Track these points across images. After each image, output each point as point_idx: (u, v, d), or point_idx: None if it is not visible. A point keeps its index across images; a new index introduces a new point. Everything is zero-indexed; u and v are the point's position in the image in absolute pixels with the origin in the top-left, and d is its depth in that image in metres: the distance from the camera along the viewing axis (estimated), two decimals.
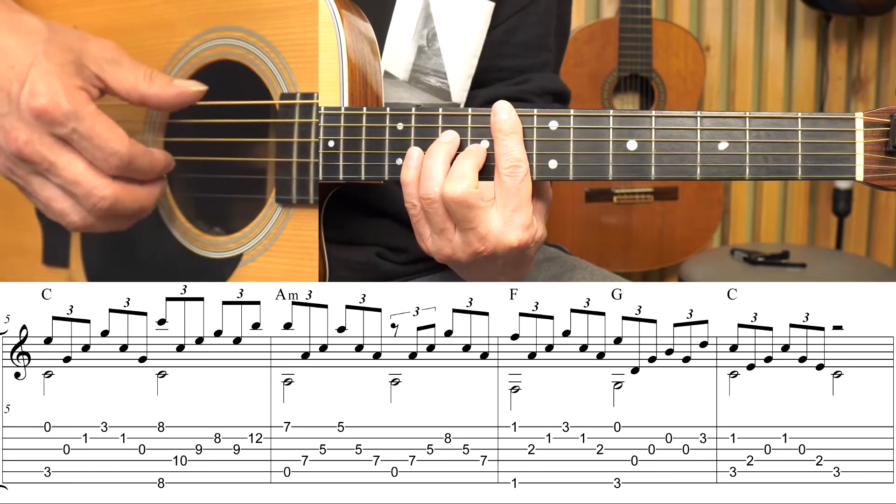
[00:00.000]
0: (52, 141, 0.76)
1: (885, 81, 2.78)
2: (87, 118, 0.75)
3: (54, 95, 0.74)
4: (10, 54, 0.76)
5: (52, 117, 0.74)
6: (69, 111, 0.74)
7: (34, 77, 0.75)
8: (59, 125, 0.75)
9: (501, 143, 0.75)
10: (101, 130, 0.75)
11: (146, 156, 0.78)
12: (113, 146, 0.75)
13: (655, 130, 0.75)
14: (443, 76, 0.96)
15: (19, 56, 0.76)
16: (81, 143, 0.75)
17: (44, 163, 0.76)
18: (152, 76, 0.79)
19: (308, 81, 0.81)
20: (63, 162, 0.76)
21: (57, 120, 0.74)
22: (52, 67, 0.75)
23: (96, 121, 0.75)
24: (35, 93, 0.74)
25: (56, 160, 0.76)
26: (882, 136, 0.73)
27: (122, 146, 0.76)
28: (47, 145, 0.76)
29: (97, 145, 0.75)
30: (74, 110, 0.74)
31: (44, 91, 0.74)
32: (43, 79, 0.75)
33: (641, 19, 2.36)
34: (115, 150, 0.75)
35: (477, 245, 0.76)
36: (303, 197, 0.81)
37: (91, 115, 0.75)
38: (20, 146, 0.75)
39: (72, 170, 0.76)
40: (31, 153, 0.75)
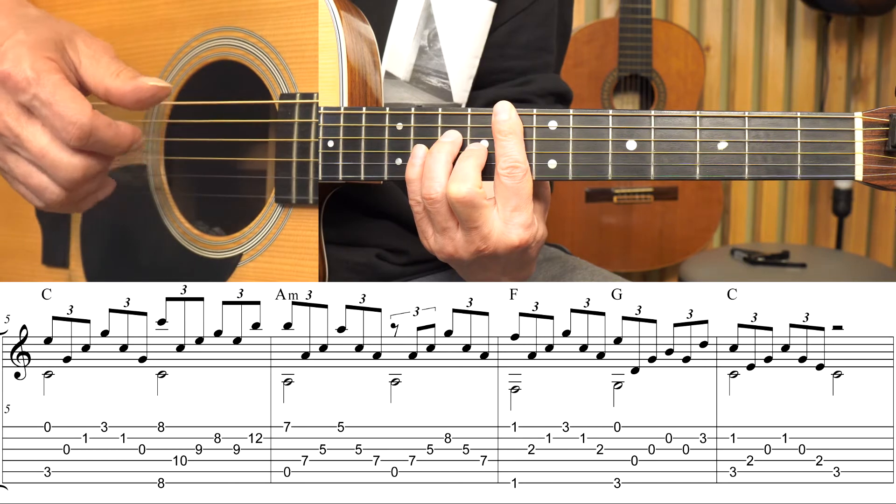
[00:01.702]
0: (17, 111, 0.75)
1: (885, 81, 2.78)
2: (49, 84, 0.74)
3: (20, 61, 0.74)
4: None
5: (15, 82, 0.74)
6: (31, 77, 0.74)
7: (7, 46, 0.75)
8: (21, 91, 0.74)
9: (500, 143, 0.75)
10: (62, 98, 0.74)
11: (110, 128, 0.76)
12: (72, 115, 0.74)
13: (655, 130, 0.75)
14: (444, 76, 0.96)
15: (4, 32, 0.76)
16: (42, 110, 0.74)
17: (10, 135, 0.75)
18: (120, 73, 0.78)
19: (308, 82, 0.81)
20: (28, 134, 0.75)
21: (19, 85, 0.74)
22: (27, 39, 0.75)
23: (59, 88, 0.74)
24: (3, 59, 0.74)
25: (21, 132, 0.75)
26: (881, 135, 0.73)
27: (82, 115, 0.74)
28: (13, 115, 0.75)
29: (57, 113, 0.74)
30: (37, 76, 0.74)
31: (11, 58, 0.74)
32: (14, 48, 0.75)
33: (641, 19, 2.36)
34: (74, 119, 0.74)
35: (479, 244, 0.76)
36: (302, 197, 0.81)
37: (54, 82, 0.74)
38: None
39: (37, 142, 0.75)
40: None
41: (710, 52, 2.68)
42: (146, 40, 0.89)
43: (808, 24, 2.73)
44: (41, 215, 0.96)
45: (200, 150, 0.86)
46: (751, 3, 2.68)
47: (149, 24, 0.89)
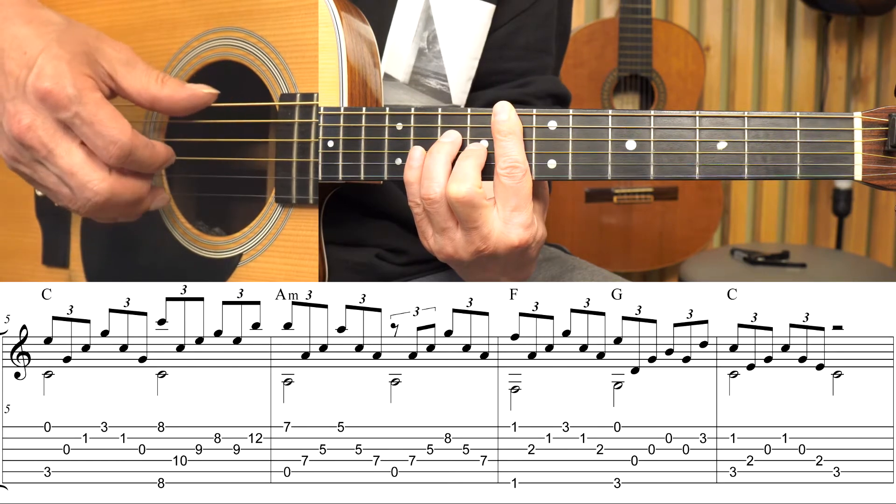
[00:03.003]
0: (54, 127, 0.75)
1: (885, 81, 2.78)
2: (91, 104, 0.75)
3: (60, 78, 0.74)
4: (24, 41, 0.76)
5: (56, 100, 0.74)
6: (73, 95, 0.74)
7: (42, 61, 0.75)
8: (63, 109, 0.74)
9: (500, 143, 0.75)
10: (104, 117, 0.75)
11: (147, 148, 0.78)
12: (114, 134, 0.75)
13: (654, 130, 0.75)
14: (443, 78, 0.96)
15: (32, 43, 0.76)
16: (83, 128, 0.75)
17: (42, 150, 0.76)
18: (164, 79, 0.79)
19: (308, 82, 0.81)
20: (61, 151, 0.76)
21: (60, 103, 0.74)
22: (63, 54, 0.75)
23: (100, 107, 0.75)
24: (42, 75, 0.74)
25: (54, 148, 0.75)
26: (881, 135, 0.73)
27: (123, 135, 0.75)
28: (49, 132, 0.75)
29: (98, 132, 0.75)
30: (78, 94, 0.74)
31: (50, 74, 0.74)
32: (51, 63, 0.75)
33: (641, 19, 2.36)
34: (115, 139, 0.75)
35: (479, 244, 0.76)
36: (302, 197, 0.81)
37: (95, 101, 0.75)
38: (22, 131, 0.75)
39: (69, 159, 0.76)
40: (31, 139, 0.75)
41: (710, 52, 2.68)
42: (147, 40, 0.89)
43: (808, 24, 2.73)
44: (41, 215, 0.96)
45: (201, 150, 0.86)
46: (751, 3, 2.68)
47: (150, 24, 0.89)
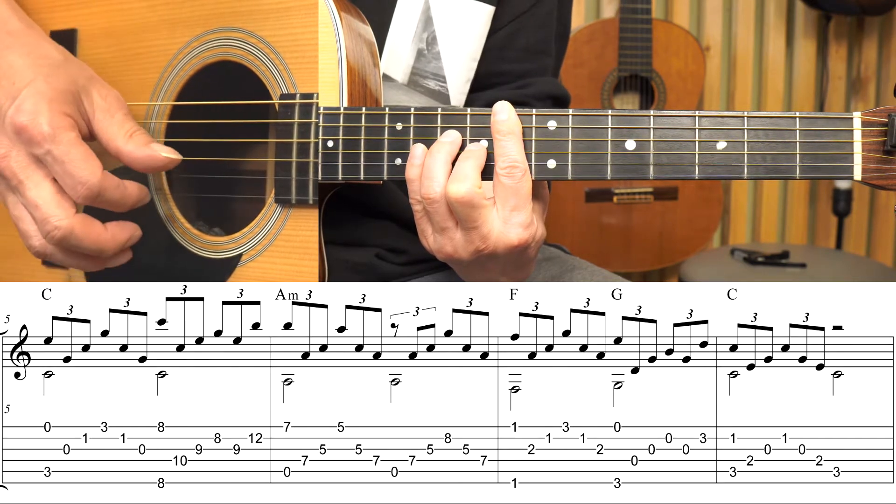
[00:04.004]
0: (27, 160, 0.77)
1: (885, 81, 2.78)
2: (64, 143, 0.76)
3: (37, 116, 0.76)
4: (16, 72, 0.78)
5: (30, 136, 0.76)
6: (47, 133, 0.76)
7: (25, 95, 0.77)
8: (36, 145, 0.76)
9: (499, 143, 0.75)
10: (75, 157, 0.76)
11: (118, 189, 0.79)
12: (84, 175, 0.76)
13: (654, 130, 0.75)
14: (442, 80, 0.96)
15: (23, 75, 0.78)
16: (55, 166, 0.77)
17: (13, 179, 0.77)
18: (133, 134, 0.80)
19: (308, 82, 0.81)
20: (31, 183, 0.77)
21: (34, 139, 0.76)
22: (47, 90, 0.77)
23: (72, 147, 0.76)
24: (20, 110, 0.76)
25: (25, 179, 0.77)
26: (880, 135, 0.73)
27: (92, 177, 0.76)
28: (22, 164, 0.77)
29: (68, 171, 0.76)
30: (53, 133, 0.76)
31: (28, 109, 0.76)
32: (32, 98, 0.76)
33: (641, 19, 2.36)
34: (84, 180, 0.76)
35: (479, 243, 0.76)
36: (302, 197, 0.81)
37: (69, 140, 0.76)
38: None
39: (36, 192, 0.77)
40: (4, 168, 0.77)
41: (710, 52, 2.68)
42: (147, 40, 0.89)
43: (808, 24, 2.73)
44: None
45: (200, 150, 0.86)
46: (751, 3, 2.68)
47: (149, 25, 0.89)
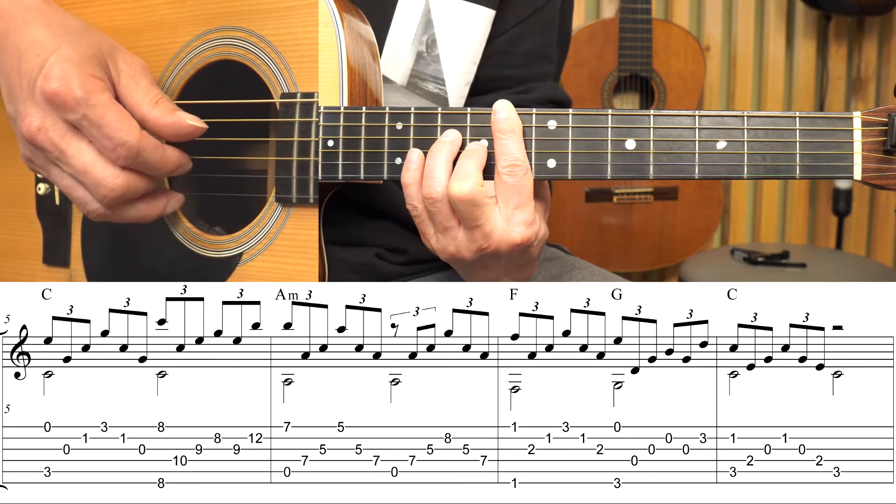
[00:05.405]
0: (64, 128, 0.76)
1: (885, 81, 2.78)
2: (99, 106, 0.75)
3: (68, 80, 0.74)
4: (39, 44, 0.76)
5: (64, 101, 0.74)
6: (80, 97, 0.74)
7: (52, 62, 0.75)
8: (70, 111, 0.74)
9: (500, 142, 0.75)
10: (112, 119, 0.75)
11: (157, 151, 0.78)
12: (122, 136, 0.75)
13: (654, 130, 0.75)
14: (441, 82, 0.96)
15: (46, 45, 0.76)
16: (91, 130, 0.75)
17: (54, 150, 0.76)
18: (159, 101, 0.79)
19: (308, 81, 0.81)
20: (73, 150, 0.76)
21: (68, 105, 0.74)
22: (73, 55, 0.75)
23: (108, 109, 0.75)
24: (49, 77, 0.74)
25: (66, 148, 0.76)
26: (880, 135, 0.73)
27: (131, 137, 0.75)
28: (59, 133, 0.75)
29: (106, 134, 0.75)
30: (86, 96, 0.74)
31: (58, 75, 0.74)
32: (59, 64, 0.75)
33: (641, 19, 2.36)
34: (123, 141, 0.75)
35: (482, 242, 0.76)
36: (303, 196, 0.81)
37: (103, 103, 0.75)
38: (33, 133, 0.75)
39: (81, 159, 0.76)
40: (42, 140, 0.75)
41: (710, 52, 2.68)
42: (148, 40, 0.89)
43: (808, 24, 2.73)
44: (42, 214, 0.96)
45: (201, 149, 0.86)
46: (751, 3, 2.68)
47: (150, 24, 0.89)
